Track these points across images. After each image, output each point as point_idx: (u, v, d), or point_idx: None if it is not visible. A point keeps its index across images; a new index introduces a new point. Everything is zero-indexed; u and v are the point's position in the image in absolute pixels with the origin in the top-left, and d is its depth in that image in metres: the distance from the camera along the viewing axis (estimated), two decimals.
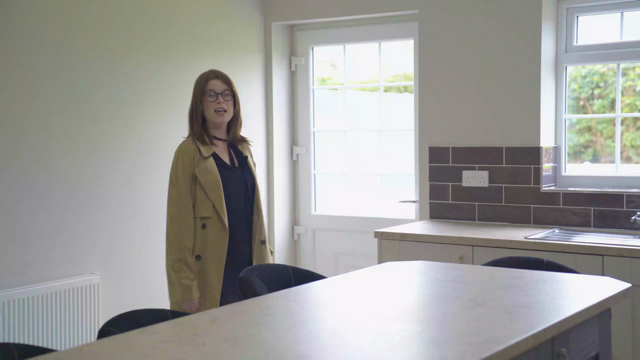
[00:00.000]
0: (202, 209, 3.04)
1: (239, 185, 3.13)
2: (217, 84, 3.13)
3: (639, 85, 6.08)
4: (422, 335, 1.82)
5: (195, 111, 3.13)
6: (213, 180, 3.04)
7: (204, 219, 3.04)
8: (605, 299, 2.20)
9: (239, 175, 3.14)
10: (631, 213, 3.78)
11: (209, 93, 3.11)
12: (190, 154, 3.06)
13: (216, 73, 3.18)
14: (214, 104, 3.10)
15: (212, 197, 3.03)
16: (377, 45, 4.77)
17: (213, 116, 3.11)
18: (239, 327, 1.91)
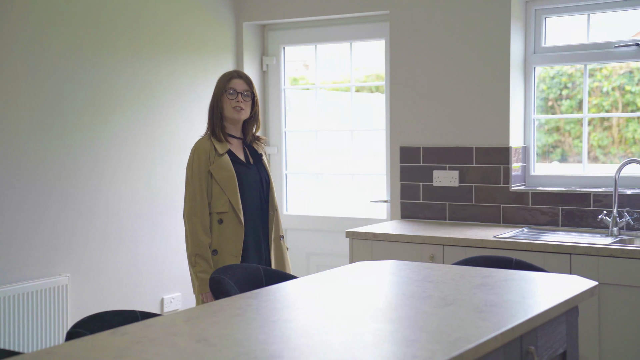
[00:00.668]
0: (218, 205, 3.13)
1: (254, 181, 3.23)
2: (239, 84, 3.23)
3: (606, 86, 6.17)
4: (394, 335, 1.83)
5: (215, 108, 3.23)
6: (228, 176, 3.13)
7: (220, 214, 3.13)
8: (572, 297, 2.23)
9: (254, 172, 3.24)
10: (598, 212, 3.84)
11: (229, 91, 3.21)
12: (205, 151, 3.16)
13: (239, 73, 3.28)
14: (233, 102, 3.20)
15: (227, 192, 3.12)
16: (348, 45, 4.79)
17: (230, 112, 3.21)
18: (211, 327, 1.90)
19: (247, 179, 3.20)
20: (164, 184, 4.44)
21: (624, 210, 3.77)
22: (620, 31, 4.18)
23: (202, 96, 4.67)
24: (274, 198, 3.30)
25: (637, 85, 5.00)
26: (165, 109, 4.45)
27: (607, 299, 3.30)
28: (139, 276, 4.30)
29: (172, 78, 4.49)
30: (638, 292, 3.23)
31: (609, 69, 6.19)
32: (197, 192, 3.13)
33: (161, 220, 4.42)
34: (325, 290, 2.37)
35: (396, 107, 4.41)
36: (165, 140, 4.45)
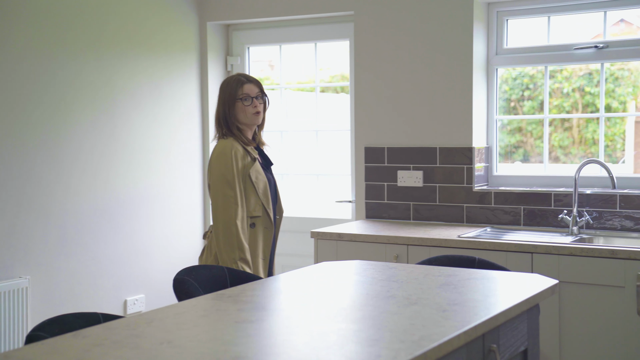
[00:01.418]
0: (253, 209, 3.12)
1: (272, 185, 3.25)
2: (252, 88, 3.20)
3: (566, 87, 6.28)
4: (358, 334, 1.83)
5: (228, 116, 3.17)
6: (264, 181, 3.15)
7: (253, 218, 3.12)
8: (533, 296, 2.26)
9: (270, 176, 3.27)
10: (558, 211, 3.90)
11: (244, 97, 3.16)
12: (242, 156, 3.12)
13: (248, 77, 3.23)
14: (250, 108, 3.17)
15: (262, 197, 3.13)
16: (313, 45, 4.79)
17: (250, 119, 3.18)
18: (175, 329, 1.89)
19: (270, 183, 3.23)
20: (126, 184, 4.39)
21: (584, 209, 3.84)
22: (580, 33, 4.26)
23: (165, 96, 4.63)
24: (281, 202, 3.34)
25: (596, 86, 5.08)
26: (128, 109, 4.40)
27: (568, 297, 3.36)
28: (101, 278, 4.25)
29: (135, 77, 4.45)
30: (597, 290, 3.29)
31: (569, 71, 6.29)
32: (240, 196, 3.07)
33: (124, 221, 4.37)
34: (290, 291, 2.37)
35: (360, 108, 4.42)
36: (128, 140, 4.41)
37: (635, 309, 3.20)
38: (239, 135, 3.16)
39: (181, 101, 4.74)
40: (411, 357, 1.63)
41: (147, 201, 4.51)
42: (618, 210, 3.78)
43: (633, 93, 6.74)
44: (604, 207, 3.81)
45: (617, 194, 3.78)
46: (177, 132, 4.71)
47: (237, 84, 3.18)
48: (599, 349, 3.31)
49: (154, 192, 4.56)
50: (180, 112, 4.74)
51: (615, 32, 4.64)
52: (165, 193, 4.63)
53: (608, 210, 3.80)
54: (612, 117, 6.08)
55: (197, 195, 4.85)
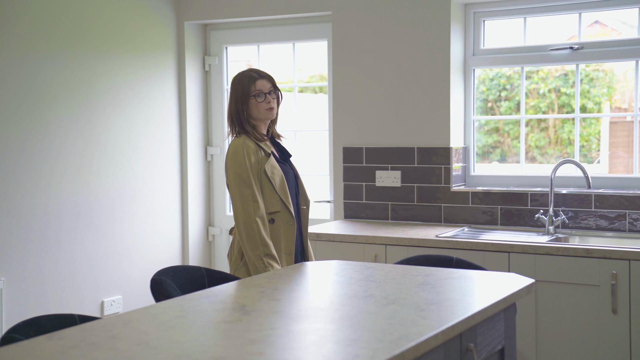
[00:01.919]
0: (271, 205, 3.08)
1: (291, 179, 3.21)
2: (264, 84, 3.16)
3: (542, 88, 6.33)
4: (336, 334, 1.84)
5: (241, 112, 3.13)
6: (280, 175, 3.11)
7: (272, 214, 3.08)
8: (510, 295, 2.28)
9: (288, 168, 3.23)
10: (535, 211, 3.93)
11: (257, 93, 3.13)
12: (255, 152, 3.08)
13: (260, 73, 3.19)
14: (263, 104, 3.13)
15: (280, 191, 3.08)
16: (291, 45, 4.79)
17: (264, 114, 3.15)
18: (152, 330, 1.88)
19: (288, 175, 3.18)
20: (103, 184, 4.36)
21: (560, 209, 3.87)
22: (556, 34, 4.30)
23: (142, 95, 4.61)
24: (306, 193, 3.27)
25: (571, 87, 5.13)
26: (106, 108, 4.37)
27: (544, 296, 3.39)
28: (77, 279, 4.21)
29: (112, 76, 4.41)
30: (573, 288, 3.33)
31: (545, 72, 6.34)
32: (257, 194, 3.05)
33: (101, 221, 4.34)
34: (269, 291, 2.37)
35: (339, 108, 4.43)
36: (105, 140, 4.37)
37: (610, 307, 3.24)
38: (252, 131, 3.14)
39: (159, 101, 4.72)
40: (389, 356, 1.63)
41: (125, 201, 4.48)
42: (593, 209, 3.82)
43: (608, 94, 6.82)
44: (580, 207, 3.85)
45: (592, 194, 3.82)
46: (155, 131, 4.69)
47: (249, 81, 3.14)
48: (574, 347, 3.34)
49: (132, 192, 4.53)
50: (158, 111, 4.71)
51: (590, 34, 4.69)
52: (143, 193, 4.60)
53: (583, 209, 3.84)
54: (587, 118, 6.14)
55: (175, 196, 4.83)
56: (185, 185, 4.86)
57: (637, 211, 3.71)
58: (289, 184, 3.18)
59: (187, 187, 4.86)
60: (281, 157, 3.23)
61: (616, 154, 6.89)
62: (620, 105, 6.74)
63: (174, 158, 4.82)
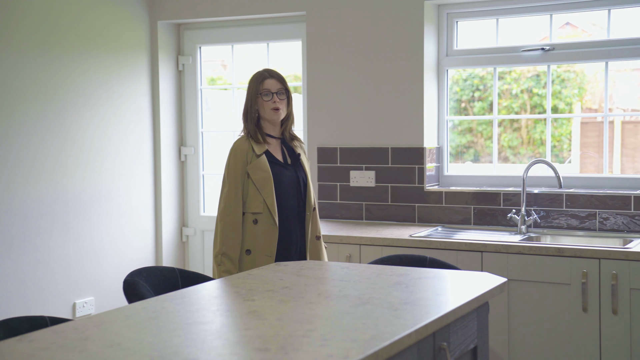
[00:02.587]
0: (254, 205, 3.11)
1: (291, 182, 3.20)
2: (273, 83, 3.20)
3: (515, 88, 6.40)
4: (310, 334, 1.83)
5: (250, 110, 3.21)
6: (264, 177, 3.11)
7: (255, 215, 3.11)
8: (483, 294, 2.30)
9: (292, 172, 3.22)
10: (507, 211, 3.97)
11: (264, 92, 3.18)
12: (243, 152, 3.14)
13: (271, 72, 3.23)
14: (269, 103, 3.18)
15: (263, 193, 3.10)
16: (265, 45, 4.78)
17: (269, 114, 3.18)
18: (124, 331, 1.87)
19: (284, 179, 3.18)
20: (75, 184, 4.31)
21: (532, 208, 3.91)
22: (528, 36, 4.34)
23: (115, 94, 4.57)
24: (311, 198, 3.26)
25: (543, 88, 5.18)
26: (77, 107, 4.33)
27: (516, 295, 3.42)
28: (49, 280, 4.17)
29: (85, 75, 4.37)
30: (544, 287, 3.36)
31: (518, 72, 6.41)
32: (232, 192, 3.11)
33: (73, 222, 4.30)
34: (242, 292, 2.36)
35: (313, 108, 4.43)
36: (77, 139, 4.33)
37: (581, 305, 3.28)
38: (255, 130, 3.20)
39: (132, 100, 4.68)
40: (362, 356, 1.63)
41: (98, 202, 4.44)
42: (564, 209, 3.86)
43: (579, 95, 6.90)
44: (551, 206, 3.89)
45: (563, 194, 3.87)
46: (128, 131, 4.65)
47: (259, 79, 3.21)
48: (546, 344, 3.38)
49: (105, 192, 4.49)
50: (131, 111, 4.68)
51: (562, 35, 4.74)
52: (116, 194, 4.57)
53: (555, 209, 3.88)
54: (558, 118, 6.22)
55: (149, 196, 4.79)
56: (159, 185, 4.83)
57: (607, 210, 3.76)
58: (290, 188, 3.18)
59: (160, 188, 4.83)
60: (292, 161, 3.24)
61: (587, 154, 6.99)
62: (591, 106, 6.83)
63: (148, 158, 4.79)
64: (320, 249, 3.27)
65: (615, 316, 3.22)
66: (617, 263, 3.22)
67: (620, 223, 3.73)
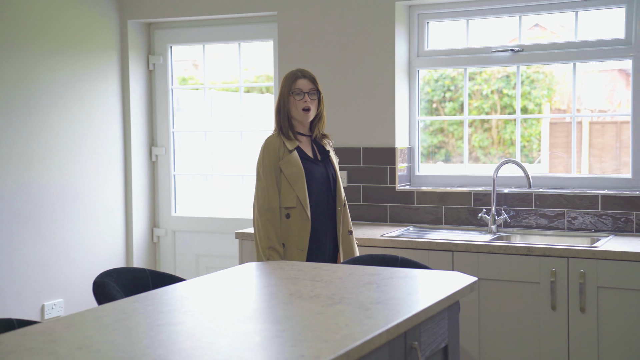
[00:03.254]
0: (287, 200, 3.19)
1: (322, 177, 3.28)
2: (305, 84, 3.27)
3: (485, 89, 6.45)
4: (282, 335, 1.83)
5: (282, 108, 3.28)
6: (296, 172, 3.19)
7: (288, 209, 3.19)
8: (454, 293, 2.31)
9: (322, 168, 3.30)
10: (478, 210, 4.00)
11: (296, 92, 3.25)
12: (275, 148, 3.23)
13: (303, 72, 3.30)
14: (300, 103, 3.25)
15: (295, 188, 3.18)
16: (237, 45, 4.76)
17: (299, 114, 3.26)
18: (94, 333, 1.85)
19: (315, 175, 3.26)
20: (43, 184, 4.26)
21: (502, 208, 3.95)
22: (497, 37, 4.38)
23: (85, 94, 4.52)
24: (342, 194, 3.34)
25: (513, 89, 5.24)
26: (45, 107, 4.27)
27: (487, 294, 3.45)
28: (16, 282, 4.11)
29: (53, 74, 4.32)
30: (514, 286, 3.40)
31: (488, 73, 6.46)
32: (270, 187, 3.18)
33: (41, 223, 4.24)
34: (214, 292, 2.35)
35: None
36: (45, 139, 4.28)
37: (550, 304, 3.32)
38: (287, 128, 3.27)
39: (102, 100, 4.64)
40: (334, 356, 1.64)
41: (66, 202, 4.39)
42: (534, 208, 3.90)
43: (548, 95, 6.99)
44: (521, 206, 3.93)
45: (532, 193, 3.91)
46: (97, 131, 4.60)
47: (292, 79, 3.29)
48: (516, 343, 3.41)
49: (74, 193, 4.44)
50: (101, 111, 4.63)
51: (531, 36, 4.79)
52: (86, 194, 4.52)
53: (524, 208, 3.92)
54: (528, 119, 6.28)
55: (119, 197, 4.75)
56: (129, 185, 4.79)
57: (576, 210, 3.81)
58: (320, 184, 3.27)
59: (131, 188, 4.79)
60: (321, 158, 3.33)
61: (556, 154, 7.07)
62: (560, 106, 6.92)
63: (118, 158, 4.74)
64: (353, 244, 3.36)
65: (583, 314, 3.26)
66: (584, 262, 3.26)
67: (588, 222, 3.79)
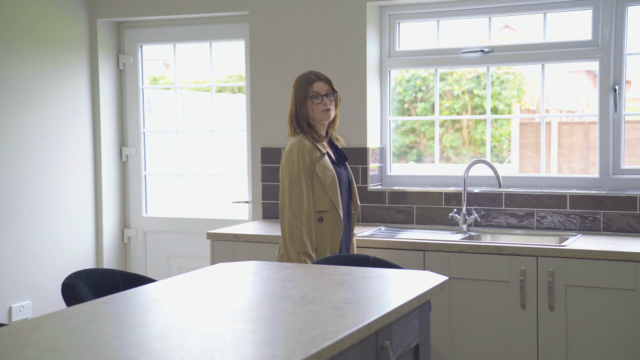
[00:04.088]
0: (320, 203, 3.18)
1: (345, 180, 3.30)
2: (321, 86, 3.27)
3: (456, 89, 6.50)
4: (254, 335, 1.83)
5: (299, 113, 3.26)
6: (331, 176, 3.18)
7: (321, 213, 3.17)
8: (425, 292, 2.33)
9: (343, 171, 3.31)
10: (449, 210, 4.03)
11: (314, 95, 3.24)
12: (309, 150, 3.19)
13: (318, 75, 3.30)
14: (320, 105, 3.24)
15: (329, 191, 3.16)
16: (208, 45, 4.74)
17: (320, 116, 3.25)
18: (62, 335, 1.83)
19: (341, 178, 3.28)
20: (11, 184, 4.20)
21: (472, 208, 3.98)
22: (468, 38, 4.42)
23: (53, 93, 4.47)
24: (357, 196, 3.38)
25: (484, 89, 5.29)
26: (12, 107, 4.21)
27: (457, 293, 3.47)
28: None
29: (20, 74, 4.26)
30: (485, 285, 3.43)
31: (459, 74, 6.51)
32: (305, 191, 3.14)
33: (9, 224, 4.18)
34: (185, 293, 2.34)
35: (256, 108, 4.42)
36: (13, 139, 4.22)
37: (519, 302, 3.36)
38: (309, 131, 3.25)
39: (71, 99, 4.58)
40: (306, 356, 1.64)
41: (34, 203, 4.33)
42: (504, 208, 3.94)
43: (518, 96, 7.05)
44: (491, 206, 3.97)
45: (502, 193, 3.95)
46: (67, 131, 4.55)
47: (307, 83, 3.28)
48: (486, 341, 3.44)
49: (42, 193, 4.38)
50: (70, 110, 4.58)
51: (501, 37, 4.84)
52: (54, 194, 4.46)
53: (495, 208, 3.96)
54: (498, 119, 6.33)
55: (89, 197, 4.70)
56: (99, 186, 4.74)
57: (545, 209, 3.86)
58: (342, 186, 3.28)
59: (101, 188, 4.74)
60: (337, 160, 3.34)
61: (525, 154, 7.15)
62: (529, 107, 7.00)
63: (87, 158, 4.69)
64: (355, 246, 3.43)
65: (551, 312, 3.30)
66: (553, 260, 3.30)
67: (556, 221, 3.83)
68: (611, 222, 3.72)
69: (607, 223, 3.74)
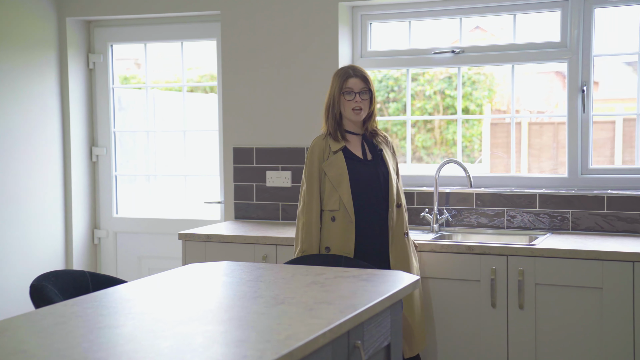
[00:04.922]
0: (330, 202, 3.15)
1: (370, 178, 3.19)
2: (356, 83, 3.19)
3: (428, 90, 6.54)
4: (225, 336, 1.82)
5: (332, 107, 3.23)
6: (339, 173, 3.14)
7: (332, 212, 3.15)
8: (396, 292, 2.34)
9: (371, 169, 3.21)
10: (421, 210, 4.05)
11: (347, 91, 3.18)
12: (320, 150, 3.19)
13: (355, 71, 3.22)
14: (351, 103, 3.19)
15: (339, 190, 3.13)
16: (179, 44, 4.71)
17: (350, 114, 3.21)
18: (30, 338, 1.80)
19: (362, 175, 3.18)
20: None
21: (444, 207, 4.01)
22: (439, 38, 4.45)
23: (21, 93, 4.40)
24: (393, 194, 3.21)
25: (455, 90, 5.32)
26: None
27: (429, 292, 3.49)
28: None
29: None
30: (456, 284, 3.45)
31: (431, 74, 6.55)
32: (309, 190, 3.17)
33: None
34: (156, 294, 2.32)
35: (228, 108, 4.40)
36: None
37: (490, 301, 3.38)
38: (335, 128, 3.21)
39: (39, 99, 4.53)
40: (277, 356, 1.64)
41: (1, 203, 4.27)
42: (474, 208, 3.98)
43: (488, 96, 7.11)
44: (462, 205, 4.00)
45: (473, 193, 3.98)
46: (35, 131, 4.49)
47: (343, 77, 3.22)
48: (457, 340, 3.46)
49: (9, 193, 4.32)
50: (39, 110, 4.52)
51: (472, 38, 4.88)
52: (22, 195, 4.40)
53: (466, 208, 3.99)
54: (469, 119, 6.38)
55: (58, 198, 4.64)
56: (68, 186, 4.69)
57: (515, 209, 3.89)
58: (367, 183, 3.19)
59: (70, 189, 4.69)
60: (372, 157, 3.24)
61: (496, 154, 7.22)
62: (500, 107, 7.07)
63: (57, 158, 4.64)
64: (407, 247, 3.24)
65: (521, 311, 3.34)
66: (523, 259, 3.33)
67: (526, 221, 3.87)
68: (579, 222, 3.77)
69: (575, 222, 3.78)
